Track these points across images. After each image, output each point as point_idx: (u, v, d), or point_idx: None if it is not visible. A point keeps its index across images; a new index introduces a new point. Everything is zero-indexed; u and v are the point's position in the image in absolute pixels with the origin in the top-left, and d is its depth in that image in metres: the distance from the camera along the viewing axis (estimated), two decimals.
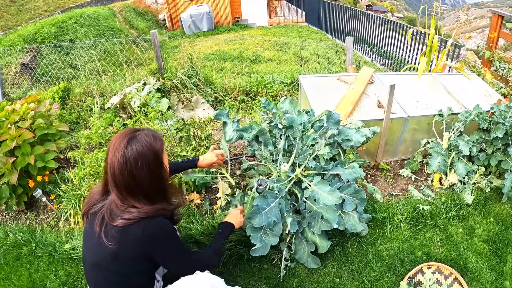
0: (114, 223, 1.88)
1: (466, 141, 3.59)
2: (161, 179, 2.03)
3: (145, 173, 1.91)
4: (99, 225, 1.90)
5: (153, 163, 1.93)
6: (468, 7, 9.78)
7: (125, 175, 1.87)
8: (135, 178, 1.88)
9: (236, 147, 4.35)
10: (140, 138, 1.92)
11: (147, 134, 1.96)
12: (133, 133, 1.94)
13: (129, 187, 1.90)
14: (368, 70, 4.32)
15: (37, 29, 11.52)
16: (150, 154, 1.91)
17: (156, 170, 1.96)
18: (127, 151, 1.86)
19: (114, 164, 1.87)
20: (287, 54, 9.66)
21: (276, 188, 2.63)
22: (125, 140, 1.89)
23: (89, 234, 1.99)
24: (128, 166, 1.85)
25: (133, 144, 1.88)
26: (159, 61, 5.92)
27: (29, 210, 3.88)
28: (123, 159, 1.85)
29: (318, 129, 2.95)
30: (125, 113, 5.35)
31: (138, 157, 1.87)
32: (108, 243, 1.87)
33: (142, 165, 1.88)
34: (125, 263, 1.95)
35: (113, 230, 1.88)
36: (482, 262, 3.09)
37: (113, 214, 1.90)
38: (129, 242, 1.90)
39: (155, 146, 1.95)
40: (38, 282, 3.09)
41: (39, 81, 8.93)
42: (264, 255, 2.65)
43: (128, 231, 1.88)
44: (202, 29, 17.73)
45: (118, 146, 1.88)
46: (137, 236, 1.89)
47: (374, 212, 3.37)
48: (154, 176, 1.97)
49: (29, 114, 3.85)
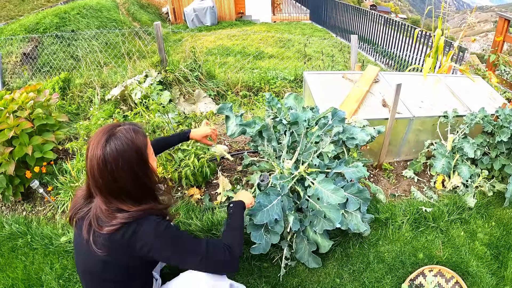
0: (101, 231, 1.72)
1: (471, 144, 3.55)
2: (146, 177, 1.83)
3: (128, 174, 1.73)
4: (87, 231, 1.75)
5: (136, 162, 1.75)
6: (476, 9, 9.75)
7: (106, 177, 1.70)
8: (116, 180, 1.71)
9: (237, 143, 4.31)
10: (119, 135, 1.73)
11: (127, 129, 1.77)
12: (112, 129, 1.75)
13: (112, 190, 1.74)
14: (374, 69, 4.28)
15: (39, 19, 11.44)
16: (131, 151, 1.73)
17: (139, 169, 1.78)
18: (105, 151, 1.68)
19: (94, 165, 1.70)
20: (290, 51, 9.62)
21: (278, 185, 2.59)
22: (103, 139, 1.71)
23: (79, 240, 1.86)
24: (108, 167, 1.69)
25: (111, 142, 1.70)
26: (161, 53, 5.87)
27: (25, 201, 3.83)
28: (102, 160, 1.68)
29: (322, 126, 2.91)
30: (125, 105, 5.31)
31: (118, 157, 1.69)
32: (98, 250, 1.73)
33: (123, 165, 1.70)
34: (118, 271, 1.83)
35: (101, 238, 1.73)
36: (483, 266, 3.06)
37: (99, 221, 1.74)
38: (120, 248, 1.76)
39: (136, 142, 1.76)
40: (33, 275, 3.04)
41: (39, 71, 8.88)
42: (264, 253, 2.61)
43: (117, 237, 1.73)
44: (205, 23, 17.65)
45: (96, 145, 1.70)
46: (125, 241, 1.75)
47: (376, 212, 3.34)
48: (138, 176, 1.78)
49: (28, 103, 3.79)
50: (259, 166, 3.35)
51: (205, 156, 3.46)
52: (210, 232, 3.07)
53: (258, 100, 5.98)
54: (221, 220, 3.13)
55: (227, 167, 3.92)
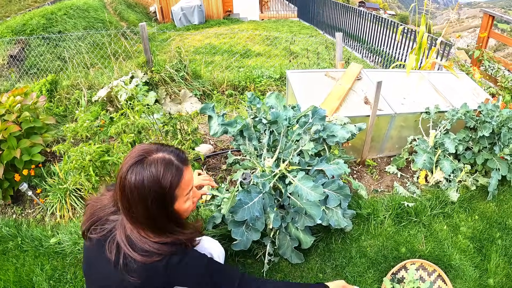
0: (133, 257, 1.56)
1: (452, 139, 3.60)
2: (163, 219, 1.63)
3: (141, 209, 1.55)
4: (115, 253, 1.58)
5: (153, 201, 1.54)
6: (459, 6, 9.84)
7: (123, 201, 1.56)
8: (131, 208, 1.56)
9: (222, 141, 4.33)
10: (146, 165, 1.53)
11: (160, 161, 1.56)
12: (145, 154, 1.57)
13: (129, 214, 1.59)
14: (356, 66, 4.31)
15: (26, 21, 11.36)
16: (150, 189, 1.52)
17: (155, 210, 1.56)
18: (127, 176, 1.52)
19: (117, 183, 1.57)
20: (277, 49, 9.64)
21: (260, 183, 2.61)
22: (131, 161, 1.54)
23: (99, 259, 1.65)
24: (125, 193, 1.53)
25: (135, 170, 1.52)
26: (147, 54, 5.87)
27: (15, 204, 3.82)
28: (122, 184, 1.54)
29: (303, 125, 2.93)
30: (112, 106, 5.31)
31: (134, 189, 1.51)
32: (131, 277, 1.55)
33: (138, 199, 1.52)
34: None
35: (134, 264, 1.56)
36: (466, 259, 3.10)
37: (130, 242, 1.59)
38: (152, 277, 1.59)
39: (161, 181, 1.53)
40: (24, 277, 3.05)
41: (27, 73, 8.83)
42: (246, 249, 2.64)
43: (151, 267, 1.57)
44: (193, 22, 17.62)
45: (124, 165, 1.56)
46: (160, 272, 1.60)
47: (358, 208, 3.38)
48: (153, 216, 1.58)
49: (16, 107, 3.80)
50: (242, 165, 3.37)
51: (190, 156, 3.47)
52: None
53: (244, 99, 6.00)
54: (205, 218, 3.15)
55: (212, 166, 3.94)
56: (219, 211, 3.13)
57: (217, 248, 2.33)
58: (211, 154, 4.10)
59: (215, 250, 2.29)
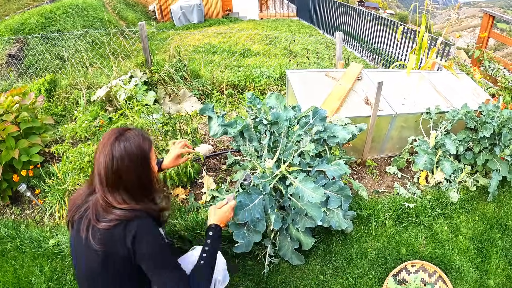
0: (98, 226, 1.79)
1: (452, 140, 3.59)
2: (147, 179, 1.96)
3: (131, 172, 1.86)
4: (86, 228, 1.82)
5: (140, 163, 1.89)
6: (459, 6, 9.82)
7: (111, 173, 1.82)
8: (120, 176, 1.83)
9: (222, 142, 4.32)
10: (128, 136, 1.88)
11: (136, 134, 1.93)
12: (122, 131, 1.91)
13: (114, 185, 1.84)
14: (357, 66, 4.30)
15: (25, 20, 11.29)
16: (137, 153, 1.87)
17: (142, 170, 1.91)
18: (114, 148, 1.82)
19: (100, 160, 1.83)
20: (276, 48, 9.62)
21: (260, 185, 2.60)
22: (113, 137, 1.86)
23: (77, 242, 1.88)
24: (114, 163, 1.81)
25: (121, 142, 1.85)
26: (146, 54, 5.85)
27: (14, 205, 3.80)
28: (110, 156, 1.82)
29: (303, 125, 2.92)
30: (111, 106, 5.29)
31: (125, 155, 1.83)
32: (96, 245, 1.77)
33: (128, 163, 1.84)
34: (115, 265, 1.83)
35: (98, 233, 1.79)
36: (467, 260, 3.10)
37: (98, 215, 1.82)
38: (114, 243, 1.79)
39: (143, 146, 1.91)
40: (23, 278, 3.04)
41: (25, 73, 8.78)
42: (247, 252, 2.62)
43: (112, 232, 1.79)
44: (192, 21, 17.57)
45: (106, 143, 1.85)
46: (120, 237, 1.79)
47: (359, 209, 3.37)
48: (140, 176, 1.91)
49: (14, 107, 3.77)
50: (242, 165, 3.36)
51: (189, 157, 3.46)
52: (194, 231, 3.07)
53: (243, 98, 5.98)
54: (205, 220, 3.14)
55: (211, 167, 3.93)
56: None
57: (218, 259, 2.21)
58: (211, 154, 4.08)
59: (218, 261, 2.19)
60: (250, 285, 2.85)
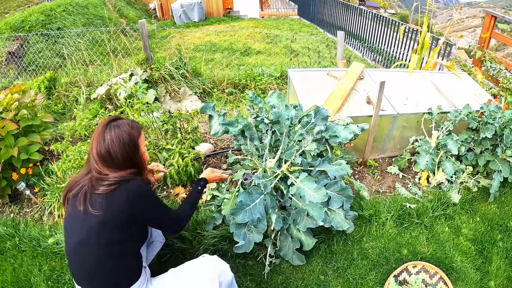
0: (97, 191, 2.00)
1: (455, 141, 3.57)
2: (135, 158, 2.19)
3: (120, 151, 2.10)
4: (83, 202, 2.00)
5: (128, 144, 2.13)
6: (461, 6, 9.77)
7: (102, 151, 2.07)
8: (110, 155, 2.07)
9: (222, 140, 4.30)
10: (119, 123, 2.16)
11: (127, 122, 2.20)
12: (115, 119, 2.18)
13: (106, 162, 2.08)
14: (358, 66, 4.28)
15: (25, 17, 11.28)
16: (125, 136, 2.12)
17: (130, 150, 2.15)
18: (106, 131, 2.10)
19: (94, 143, 2.09)
20: (277, 47, 9.60)
21: (261, 184, 2.58)
22: (106, 123, 2.14)
23: (73, 217, 2.07)
24: (105, 143, 2.07)
25: (112, 127, 2.12)
26: (147, 52, 5.83)
27: (13, 203, 3.79)
28: (103, 138, 2.08)
29: (305, 125, 2.90)
30: (111, 104, 5.27)
31: (115, 137, 2.09)
32: (95, 211, 1.97)
33: (118, 144, 2.09)
34: (114, 229, 2.02)
35: (99, 198, 2.00)
36: (468, 261, 3.09)
37: (93, 186, 2.03)
38: (115, 206, 2.00)
39: (131, 131, 2.16)
40: (22, 277, 3.03)
41: (25, 70, 8.77)
42: (248, 252, 2.61)
43: (113, 195, 2.01)
44: (193, 19, 17.54)
45: (101, 128, 2.12)
46: (122, 198, 2.02)
47: (360, 209, 3.35)
48: (129, 154, 2.14)
49: (13, 105, 3.75)
50: (243, 165, 3.34)
51: (190, 156, 3.45)
52: (194, 231, 3.06)
53: (244, 97, 5.97)
54: (205, 219, 3.14)
55: (212, 165, 3.92)
56: (219, 212, 3.11)
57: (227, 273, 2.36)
58: (211, 153, 4.07)
59: (223, 269, 2.33)
60: (250, 285, 2.84)
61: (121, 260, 2.07)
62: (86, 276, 2.04)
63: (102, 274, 2.02)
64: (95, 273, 2.02)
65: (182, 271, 2.26)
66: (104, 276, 2.03)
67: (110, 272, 2.04)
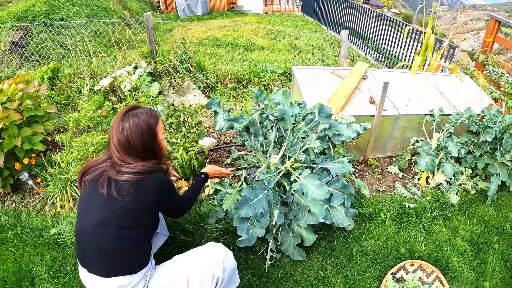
0: (122, 178, 2.09)
1: (455, 143, 3.61)
2: (153, 146, 2.27)
3: (139, 139, 2.16)
4: (107, 186, 2.08)
5: (146, 132, 2.19)
6: (467, 9, 9.78)
7: (123, 139, 2.13)
8: (130, 143, 2.14)
9: (226, 136, 4.34)
10: (138, 111, 2.22)
11: (145, 110, 2.26)
12: (134, 108, 2.25)
13: (126, 151, 2.15)
14: (362, 65, 4.32)
15: (28, 7, 11.21)
16: (144, 125, 2.19)
17: (148, 138, 2.21)
18: (125, 120, 2.16)
19: (114, 130, 2.16)
20: (281, 43, 9.60)
21: (265, 180, 2.62)
22: (125, 111, 2.20)
23: (92, 198, 2.14)
24: (125, 132, 2.13)
25: (131, 116, 2.18)
26: (151, 45, 5.84)
27: (15, 193, 3.81)
28: (121, 127, 2.14)
29: (309, 122, 2.94)
30: (115, 96, 5.29)
31: (133, 125, 2.15)
32: (121, 197, 2.05)
33: (136, 132, 2.15)
34: (137, 215, 2.12)
35: (126, 185, 2.08)
36: (464, 262, 3.14)
37: (118, 172, 2.11)
38: (143, 194, 2.11)
39: (149, 120, 2.23)
40: (23, 267, 3.05)
41: (28, 60, 8.74)
42: (250, 246, 2.65)
43: (142, 184, 2.11)
44: (197, 13, 17.51)
45: (120, 116, 2.18)
46: (149, 186, 2.14)
47: (360, 207, 3.40)
48: (147, 143, 2.21)
49: (17, 95, 3.76)
50: (246, 160, 3.38)
51: (193, 149, 3.48)
52: (197, 224, 3.10)
53: (247, 92, 5.99)
54: (208, 212, 3.18)
55: (215, 160, 3.95)
56: (221, 206, 3.15)
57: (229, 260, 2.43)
58: (214, 148, 4.10)
59: (227, 256, 2.40)
60: (251, 279, 2.88)
61: (137, 244, 2.15)
62: (99, 256, 2.09)
63: (118, 256, 2.09)
64: (110, 253, 2.07)
65: (187, 256, 2.32)
66: (120, 258, 2.10)
67: (126, 255, 2.11)
